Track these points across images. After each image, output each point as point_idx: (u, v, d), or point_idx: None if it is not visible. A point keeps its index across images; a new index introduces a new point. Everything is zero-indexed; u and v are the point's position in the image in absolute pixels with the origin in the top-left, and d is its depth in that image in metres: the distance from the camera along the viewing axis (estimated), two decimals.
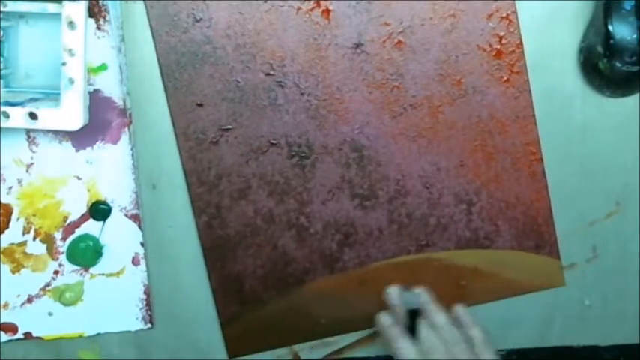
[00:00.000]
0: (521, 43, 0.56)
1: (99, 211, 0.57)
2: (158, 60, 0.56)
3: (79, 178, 0.57)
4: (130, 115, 0.56)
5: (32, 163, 0.56)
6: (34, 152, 0.56)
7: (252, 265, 0.59)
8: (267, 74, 0.56)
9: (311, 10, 0.56)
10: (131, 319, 0.58)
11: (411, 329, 0.55)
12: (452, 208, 0.59)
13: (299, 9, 0.55)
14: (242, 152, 0.57)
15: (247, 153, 0.57)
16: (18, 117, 0.51)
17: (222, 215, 0.58)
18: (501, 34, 0.56)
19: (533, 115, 0.57)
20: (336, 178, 0.58)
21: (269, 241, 0.59)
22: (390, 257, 0.59)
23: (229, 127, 0.57)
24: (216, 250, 0.58)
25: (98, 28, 0.54)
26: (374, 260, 0.59)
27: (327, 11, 0.56)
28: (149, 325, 0.59)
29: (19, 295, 0.58)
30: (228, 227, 0.58)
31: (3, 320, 0.58)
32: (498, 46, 0.56)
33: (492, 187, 0.58)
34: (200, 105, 0.56)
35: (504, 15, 0.56)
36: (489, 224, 0.59)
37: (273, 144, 0.57)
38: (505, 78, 0.57)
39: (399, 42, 0.56)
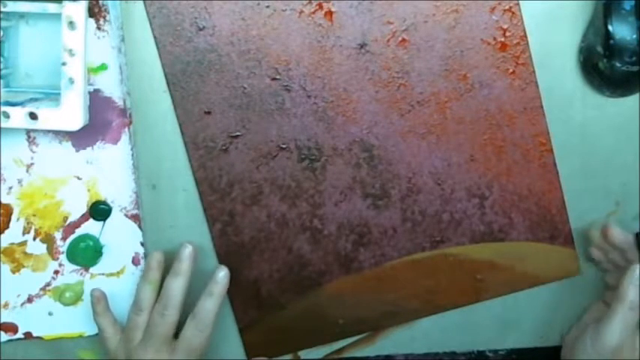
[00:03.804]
0: (525, 35, 0.56)
1: (99, 211, 0.57)
2: (163, 69, 0.55)
3: (79, 178, 0.57)
4: (130, 115, 0.56)
5: (32, 163, 0.56)
6: (34, 152, 0.56)
7: (268, 270, 0.59)
8: (273, 79, 0.56)
9: (313, 12, 0.56)
10: None
11: None
12: (464, 202, 0.59)
13: (301, 12, 0.55)
14: (252, 158, 0.57)
15: (257, 158, 0.57)
16: (18, 117, 0.51)
17: (236, 222, 0.58)
18: (505, 26, 0.56)
19: (541, 106, 0.57)
20: (347, 179, 0.58)
21: (284, 245, 0.59)
22: (405, 255, 0.59)
23: (238, 133, 0.57)
24: (232, 257, 0.58)
25: (98, 28, 0.54)
26: (389, 259, 0.59)
27: (329, 13, 0.56)
28: None
29: (19, 295, 0.58)
30: (243, 233, 0.58)
31: (3, 320, 0.58)
32: (503, 39, 0.56)
33: (504, 179, 0.58)
34: (208, 113, 0.56)
35: (507, 7, 0.56)
36: (503, 217, 0.59)
37: (282, 148, 0.57)
38: (511, 70, 0.57)
39: (403, 40, 0.56)
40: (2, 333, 0.59)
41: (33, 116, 0.51)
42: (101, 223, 0.57)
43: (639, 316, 0.54)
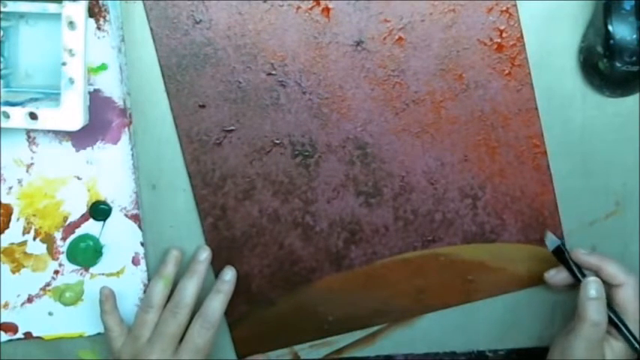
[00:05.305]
0: (521, 37, 0.56)
1: (99, 211, 0.57)
2: (159, 62, 0.56)
3: (79, 178, 0.57)
4: (130, 115, 0.56)
5: (32, 163, 0.56)
6: (34, 152, 0.56)
7: (259, 265, 0.59)
8: (269, 74, 0.56)
9: (311, 8, 0.56)
10: (131, 319, 0.58)
11: None
12: (457, 203, 0.59)
13: (299, 8, 0.55)
14: (246, 153, 0.57)
15: (251, 153, 0.57)
16: (18, 117, 0.51)
17: (228, 216, 0.58)
18: (502, 27, 0.56)
19: (536, 108, 0.57)
20: (340, 176, 0.58)
21: (275, 240, 0.59)
22: (397, 254, 0.59)
23: (232, 127, 0.57)
24: (223, 251, 0.58)
25: (98, 28, 0.54)
26: (380, 257, 0.59)
27: (326, 9, 0.56)
28: None
29: (19, 295, 0.58)
30: (234, 228, 0.58)
31: (3, 320, 0.58)
32: (499, 40, 0.56)
33: (497, 180, 0.58)
34: (202, 106, 0.56)
35: (504, 8, 0.56)
36: (495, 218, 0.59)
37: (276, 144, 0.57)
38: (507, 71, 0.57)
39: (400, 38, 0.56)
40: (2, 333, 0.59)
41: (33, 116, 0.51)
42: (101, 223, 0.57)
43: (604, 330, 0.53)
